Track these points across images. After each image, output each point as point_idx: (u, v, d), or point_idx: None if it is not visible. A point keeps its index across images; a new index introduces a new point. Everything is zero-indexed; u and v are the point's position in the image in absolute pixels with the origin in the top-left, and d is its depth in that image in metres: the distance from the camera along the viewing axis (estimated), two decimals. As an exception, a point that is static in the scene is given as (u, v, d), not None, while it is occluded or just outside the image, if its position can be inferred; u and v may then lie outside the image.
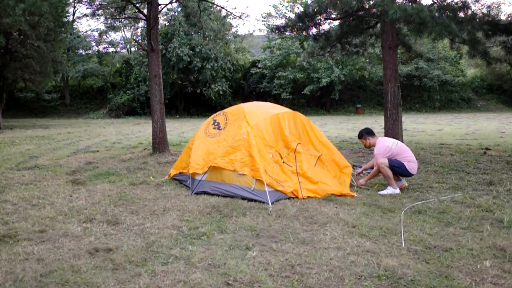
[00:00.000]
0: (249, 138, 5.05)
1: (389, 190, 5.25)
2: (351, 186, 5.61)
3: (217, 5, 15.89)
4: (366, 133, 5.71)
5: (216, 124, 5.79)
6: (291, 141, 5.41)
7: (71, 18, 28.20)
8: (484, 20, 7.79)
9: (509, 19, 8.05)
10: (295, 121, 5.56)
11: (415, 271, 2.90)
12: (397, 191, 5.26)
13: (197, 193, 5.20)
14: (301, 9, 9.39)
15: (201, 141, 5.74)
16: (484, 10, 7.98)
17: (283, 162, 5.25)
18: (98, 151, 9.88)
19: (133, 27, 30.54)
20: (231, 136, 5.30)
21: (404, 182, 5.57)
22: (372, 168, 5.65)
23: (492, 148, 9.42)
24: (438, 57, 28.62)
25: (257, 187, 4.83)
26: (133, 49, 33.66)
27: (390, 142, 5.59)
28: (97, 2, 10.20)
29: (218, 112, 6.08)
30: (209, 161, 5.27)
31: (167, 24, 26.74)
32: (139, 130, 16.98)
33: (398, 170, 5.37)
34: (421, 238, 3.55)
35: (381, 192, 5.27)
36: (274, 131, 5.34)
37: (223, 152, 5.15)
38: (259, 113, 5.56)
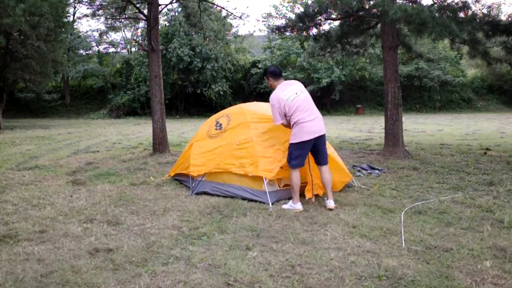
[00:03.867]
0: (253, 142, 4.98)
1: (288, 205, 4.56)
2: (351, 186, 5.61)
3: (218, 6, 15.91)
4: (270, 72, 4.74)
5: (218, 125, 5.67)
6: None
7: (71, 19, 28.23)
8: (484, 21, 7.78)
9: (510, 19, 8.04)
10: None
11: (416, 272, 2.90)
12: (299, 206, 4.45)
13: (197, 194, 5.20)
14: (301, 9, 9.40)
15: (202, 142, 5.66)
16: (485, 11, 7.97)
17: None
18: (98, 151, 9.88)
19: (133, 27, 30.53)
20: (236, 137, 5.19)
21: (332, 204, 4.52)
22: None
23: (492, 148, 9.42)
24: (439, 57, 28.60)
25: (257, 187, 4.81)
26: (133, 49, 33.67)
27: (289, 93, 4.51)
28: (97, 3, 10.21)
29: (221, 114, 5.94)
30: (210, 160, 5.22)
31: (167, 24, 26.73)
32: (139, 131, 16.98)
33: (298, 154, 4.44)
34: (421, 239, 3.55)
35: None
36: (277, 131, 5.25)
37: (230, 156, 5.07)
38: (261, 114, 5.46)
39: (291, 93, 4.54)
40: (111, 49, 35.45)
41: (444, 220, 4.08)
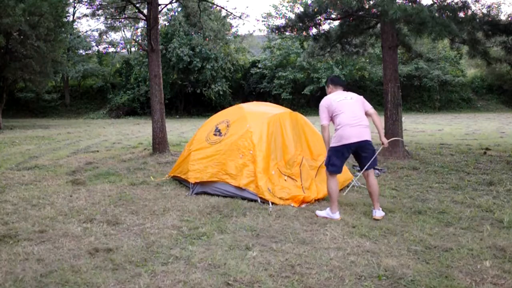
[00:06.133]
0: (255, 154, 4.93)
1: (325, 213, 4.30)
2: (351, 186, 5.60)
3: (217, 5, 15.83)
4: (330, 79, 4.69)
5: (217, 131, 5.60)
6: (297, 154, 5.22)
7: (71, 18, 28.17)
8: (484, 20, 7.79)
9: (509, 19, 8.04)
10: (293, 125, 5.43)
11: (415, 271, 2.90)
12: (336, 216, 4.18)
13: (197, 193, 5.20)
14: (301, 9, 9.39)
15: (201, 148, 5.59)
16: (484, 10, 7.98)
17: (285, 179, 4.98)
18: (98, 151, 9.88)
19: (133, 27, 30.52)
20: (235, 146, 5.13)
21: (378, 214, 4.22)
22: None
23: (492, 148, 9.42)
24: (438, 57, 28.62)
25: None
26: (133, 49, 33.65)
27: (340, 96, 4.42)
28: (97, 2, 10.19)
29: (221, 118, 5.87)
30: (208, 167, 5.20)
31: (167, 24, 26.73)
32: (139, 130, 16.98)
33: (336, 159, 4.21)
34: (421, 238, 3.55)
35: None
36: (276, 141, 5.17)
37: (228, 166, 5.03)
38: (260, 119, 5.34)
39: (342, 96, 4.44)
40: (111, 49, 35.48)
41: (443, 220, 4.08)
